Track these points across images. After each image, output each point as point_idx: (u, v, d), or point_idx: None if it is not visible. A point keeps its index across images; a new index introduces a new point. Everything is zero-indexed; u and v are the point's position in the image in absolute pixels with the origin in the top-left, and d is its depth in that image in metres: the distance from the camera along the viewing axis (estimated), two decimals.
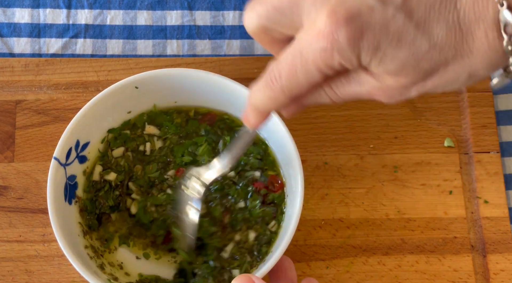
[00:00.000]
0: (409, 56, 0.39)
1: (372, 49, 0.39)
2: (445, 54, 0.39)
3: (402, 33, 0.38)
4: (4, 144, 0.66)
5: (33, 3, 0.72)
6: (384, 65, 0.40)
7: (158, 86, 0.60)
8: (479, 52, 0.39)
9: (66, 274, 0.62)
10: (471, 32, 0.38)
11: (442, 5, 0.38)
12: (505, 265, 0.64)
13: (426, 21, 0.38)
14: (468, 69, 0.40)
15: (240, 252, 0.60)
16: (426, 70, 0.40)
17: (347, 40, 0.38)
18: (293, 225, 0.55)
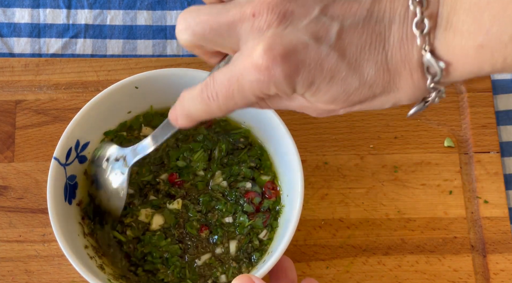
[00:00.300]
0: (341, 92, 0.41)
1: (307, 84, 0.41)
2: (373, 90, 0.41)
3: (335, 71, 0.40)
4: (4, 144, 0.66)
5: (33, 3, 0.72)
6: (317, 97, 0.42)
7: (158, 86, 0.60)
8: (404, 89, 0.41)
9: (66, 274, 0.62)
10: (398, 72, 0.41)
11: (371, 46, 0.40)
12: (505, 265, 0.64)
13: (357, 60, 0.40)
14: (393, 100, 0.43)
15: (220, 262, 0.60)
16: (355, 102, 0.42)
17: (283, 76, 0.40)
18: (293, 225, 0.55)
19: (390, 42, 0.40)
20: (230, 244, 0.60)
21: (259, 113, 0.59)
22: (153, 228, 0.60)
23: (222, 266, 0.60)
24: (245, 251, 0.60)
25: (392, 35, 0.40)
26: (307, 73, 0.40)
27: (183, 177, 0.62)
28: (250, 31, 0.41)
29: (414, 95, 0.42)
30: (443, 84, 0.41)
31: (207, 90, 0.43)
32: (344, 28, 0.40)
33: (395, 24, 0.40)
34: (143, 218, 0.61)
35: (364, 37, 0.40)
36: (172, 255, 0.60)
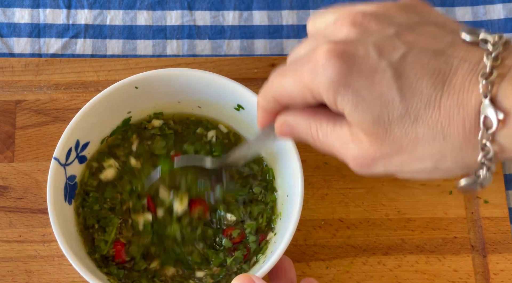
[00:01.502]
0: (384, 114, 0.39)
1: (352, 92, 0.39)
2: (417, 129, 0.39)
3: (385, 89, 0.39)
4: (4, 144, 0.66)
5: (33, 3, 0.72)
6: (358, 113, 0.40)
7: (158, 86, 0.60)
8: (451, 138, 0.39)
9: (66, 274, 0.62)
10: (449, 116, 0.38)
11: (431, 80, 0.39)
12: (505, 265, 0.64)
13: (410, 87, 0.39)
14: (437, 155, 0.40)
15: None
16: (396, 137, 0.40)
17: (334, 73, 0.39)
18: (293, 225, 0.55)
19: (451, 83, 0.38)
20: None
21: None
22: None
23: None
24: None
25: (456, 78, 0.38)
26: (357, 78, 0.39)
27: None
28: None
29: (461, 150, 0.39)
30: (496, 145, 0.38)
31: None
32: (410, 53, 0.39)
33: (462, 70, 0.38)
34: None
35: (427, 68, 0.39)
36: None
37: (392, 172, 0.42)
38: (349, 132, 0.42)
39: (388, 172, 0.42)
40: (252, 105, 0.59)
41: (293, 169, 0.57)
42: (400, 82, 0.39)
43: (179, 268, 0.60)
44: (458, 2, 0.75)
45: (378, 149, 0.41)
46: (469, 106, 0.38)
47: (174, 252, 0.60)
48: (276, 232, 0.60)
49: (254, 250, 0.60)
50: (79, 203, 0.60)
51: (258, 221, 0.61)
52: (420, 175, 0.42)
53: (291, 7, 0.74)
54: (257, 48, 0.72)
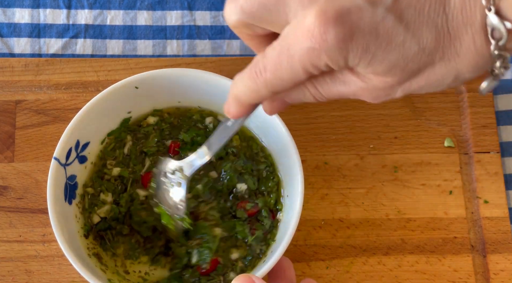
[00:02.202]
0: (399, 59, 0.39)
1: (361, 52, 0.39)
2: (432, 57, 0.39)
3: (392, 36, 0.38)
4: (4, 144, 0.66)
5: (33, 3, 0.72)
6: (372, 67, 0.40)
7: (158, 86, 0.60)
8: (466, 56, 0.39)
9: (66, 274, 0.62)
10: (458, 37, 0.39)
11: (431, 8, 0.38)
12: (505, 265, 0.64)
13: (415, 23, 0.39)
14: (454, 72, 0.40)
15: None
16: (413, 70, 0.40)
17: (336, 42, 0.38)
18: (293, 225, 0.55)
19: (451, 3, 0.38)
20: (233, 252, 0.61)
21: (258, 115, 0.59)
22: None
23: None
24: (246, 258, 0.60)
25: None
26: (362, 38, 0.38)
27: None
28: (300, 1, 0.39)
29: (477, 64, 0.40)
30: (509, 50, 0.39)
31: (255, 66, 0.41)
32: None
33: None
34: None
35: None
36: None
37: (411, 92, 0.42)
38: (356, 76, 0.41)
39: (407, 94, 0.42)
40: None
41: (293, 169, 0.57)
42: (404, 23, 0.38)
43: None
44: None
45: (396, 80, 0.40)
46: (476, 23, 0.38)
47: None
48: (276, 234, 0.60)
49: (269, 226, 0.60)
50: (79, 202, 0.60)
51: (267, 198, 0.61)
52: (438, 88, 0.42)
53: None
54: None
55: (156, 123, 0.64)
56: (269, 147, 0.62)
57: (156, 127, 0.63)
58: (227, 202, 0.62)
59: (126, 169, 0.62)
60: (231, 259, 0.60)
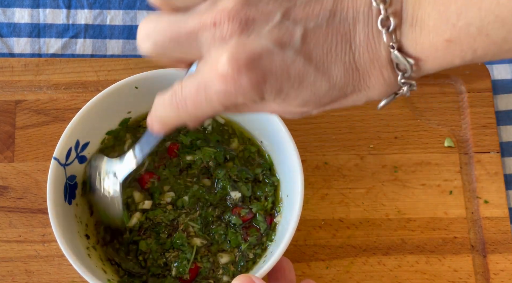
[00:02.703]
0: (311, 96, 0.41)
1: (275, 92, 0.40)
2: (344, 91, 0.41)
3: (303, 76, 0.40)
4: (4, 144, 0.66)
5: (33, 3, 0.72)
6: (287, 103, 0.41)
7: (158, 86, 0.60)
8: (375, 86, 0.41)
9: (66, 274, 0.62)
10: (367, 71, 0.40)
11: (338, 47, 0.40)
12: (505, 265, 0.64)
13: (324, 63, 0.40)
14: (365, 98, 0.42)
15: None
16: (326, 102, 0.42)
17: (250, 86, 0.39)
18: (293, 225, 0.55)
19: (356, 41, 0.40)
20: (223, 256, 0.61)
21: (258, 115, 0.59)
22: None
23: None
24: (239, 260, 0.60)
25: (358, 34, 0.39)
26: (274, 80, 0.40)
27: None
28: (212, 40, 0.40)
29: (386, 92, 0.42)
30: (414, 78, 0.41)
31: (176, 97, 0.42)
32: (308, 32, 0.39)
33: (360, 23, 0.39)
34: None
35: (329, 38, 0.39)
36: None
37: (326, 110, 0.44)
38: (277, 106, 0.43)
39: (322, 111, 0.44)
40: None
41: (293, 168, 0.57)
42: (313, 63, 0.40)
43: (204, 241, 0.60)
44: None
45: (311, 109, 0.43)
46: (381, 59, 0.40)
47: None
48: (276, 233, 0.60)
49: (264, 230, 0.60)
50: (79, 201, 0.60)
51: (263, 202, 0.61)
52: (349, 105, 0.44)
53: None
54: None
55: None
56: (268, 147, 0.62)
57: None
58: (216, 210, 0.61)
59: None
60: (220, 263, 0.60)
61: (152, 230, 0.61)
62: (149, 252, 0.60)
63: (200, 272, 0.59)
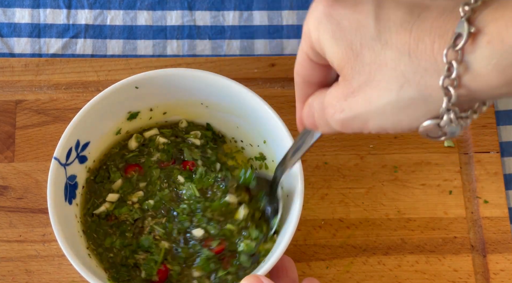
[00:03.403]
0: (357, 39, 0.39)
1: (333, 20, 0.39)
2: (386, 52, 0.38)
3: (362, 18, 0.39)
4: (4, 144, 0.66)
5: (33, 3, 0.73)
6: (333, 41, 0.39)
7: (158, 86, 0.60)
8: (417, 58, 0.36)
9: (66, 274, 0.62)
10: (418, 37, 0.36)
11: (410, 7, 0.38)
12: (505, 265, 0.64)
13: (387, 15, 0.38)
14: (401, 79, 0.37)
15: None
16: (365, 66, 0.38)
17: (322, 5, 0.40)
18: (293, 225, 0.55)
19: (429, 11, 0.36)
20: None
21: (258, 115, 0.59)
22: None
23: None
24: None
25: (436, 8, 0.37)
26: (341, 8, 0.40)
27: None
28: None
29: (426, 72, 0.36)
30: (459, 72, 0.34)
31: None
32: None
33: (445, 3, 0.37)
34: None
35: (409, 0, 0.38)
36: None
37: (361, 115, 0.40)
38: (333, 87, 0.42)
39: (358, 117, 0.40)
40: (251, 105, 0.59)
41: (293, 169, 0.57)
42: (379, 10, 0.38)
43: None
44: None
45: (349, 84, 0.40)
46: (442, 29, 0.35)
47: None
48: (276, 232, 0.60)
49: (250, 262, 0.59)
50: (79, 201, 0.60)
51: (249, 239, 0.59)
52: (386, 116, 0.39)
53: (291, 7, 0.74)
54: (257, 48, 0.72)
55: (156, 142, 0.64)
56: (269, 147, 0.62)
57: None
58: (183, 223, 0.60)
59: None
60: (192, 275, 0.58)
61: (116, 227, 0.60)
62: (115, 250, 0.59)
63: (171, 274, 0.58)
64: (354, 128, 0.41)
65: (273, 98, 0.63)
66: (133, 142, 0.63)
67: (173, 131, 0.64)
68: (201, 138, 0.64)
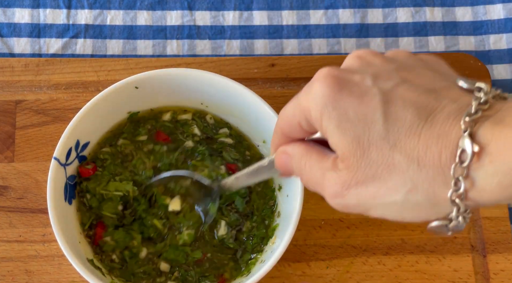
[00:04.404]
0: (364, 134, 0.39)
1: (339, 107, 0.39)
2: (394, 154, 0.38)
3: (369, 112, 0.39)
4: (4, 144, 0.66)
5: (33, 3, 0.73)
6: (339, 131, 0.39)
7: (158, 86, 0.60)
8: (426, 167, 0.37)
9: (66, 274, 0.62)
10: (426, 144, 0.37)
11: (418, 110, 0.38)
12: (505, 265, 0.64)
13: (395, 114, 0.38)
14: (409, 185, 0.38)
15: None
16: (371, 164, 0.39)
17: (326, 89, 0.40)
18: (293, 225, 0.55)
19: (436, 117, 0.37)
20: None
21: (258, 115, 0.59)
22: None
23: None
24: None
25: (441, 114, 0.37)
26: (346, 97, 0.39)
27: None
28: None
29: (434, 182, 0.37)
30: (466, 187, 0.36)
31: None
32: (404, 85, 0.39)
33: (450, 108, 0.37)
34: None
35: (416, 100, 0.38)
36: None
37: (364, 204, 0.41)
38: (331, 163, 0.41)
39: (361, 205, 0.41)
40: (251, 105, 0.59)
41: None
42: (387, 107, 0.38)
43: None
44: (458, 2, 0.75)
45: (353, 175, 0.40)
46: (448, 138, 0.37)
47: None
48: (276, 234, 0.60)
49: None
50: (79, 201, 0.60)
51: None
52: (390, 210, 0.40)
53: (291, 7, 0.74)
54: (257, 48, 0.72)
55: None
56: (268, 147, 0.62)
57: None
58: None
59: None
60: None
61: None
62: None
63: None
64: (354, 212, 0.42)
65: (273, 98, 0.63)
66: (167, 116, 0.63)
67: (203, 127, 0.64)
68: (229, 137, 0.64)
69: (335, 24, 0.73)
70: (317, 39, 0.73)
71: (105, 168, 0.61)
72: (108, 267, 0.59)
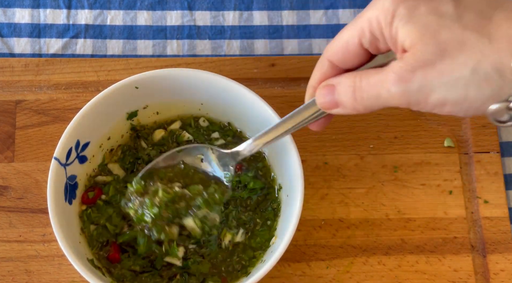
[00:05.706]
0: (435, 22, 0.41)
1: (410, 4, 0.42)
2: (464, 34, 0.40)
3: (440, 3, 0.41)
4: (4, 144, 0.66)
5: (33, 3, 0.73)
6: (411, 23, 0.42)
7: (158, 86, 0.60)
8: (497, 41, 0.40)
9: (66, 274, 0.62)
10: (498, 24, 0.40)
11: (488, 1, 0.41)
12: (505, 265, 0.64)
13: (466, 3, 0.41)
14: (479, 57, 0.40)
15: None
16: (441, 43, 0.41)
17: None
18: (293, 225, 0.55)
19: (506, 4, 0.41)
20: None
21: (258, 115, 0.59)
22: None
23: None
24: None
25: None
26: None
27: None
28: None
29: (504, 53, 0.40)
30: None
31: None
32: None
33: None
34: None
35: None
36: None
37: (428, 86, 0.42)
38: (391, 65, 0.43)
39: (423, 88, 0.42)
40: (252, 105, 0.59)
41: (293, 169, 0.57)
42: (458, 1, 0.41)
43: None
44: None
45: (421, 56, 0.41)
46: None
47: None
48: (276, 234, 0.60)
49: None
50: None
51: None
52: (455, 88, 0.41)
53: (291, 7, 0.74)
54: (257, 48, 0.72)
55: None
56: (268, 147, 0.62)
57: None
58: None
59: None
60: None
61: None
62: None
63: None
64: (411, 101, 0.43)
65: (273, 98, 0.63)
66: (157, 135, 0.64)
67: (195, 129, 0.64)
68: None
69: (335, 24, 0.73)
70: (317, 39, 0.73)
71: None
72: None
